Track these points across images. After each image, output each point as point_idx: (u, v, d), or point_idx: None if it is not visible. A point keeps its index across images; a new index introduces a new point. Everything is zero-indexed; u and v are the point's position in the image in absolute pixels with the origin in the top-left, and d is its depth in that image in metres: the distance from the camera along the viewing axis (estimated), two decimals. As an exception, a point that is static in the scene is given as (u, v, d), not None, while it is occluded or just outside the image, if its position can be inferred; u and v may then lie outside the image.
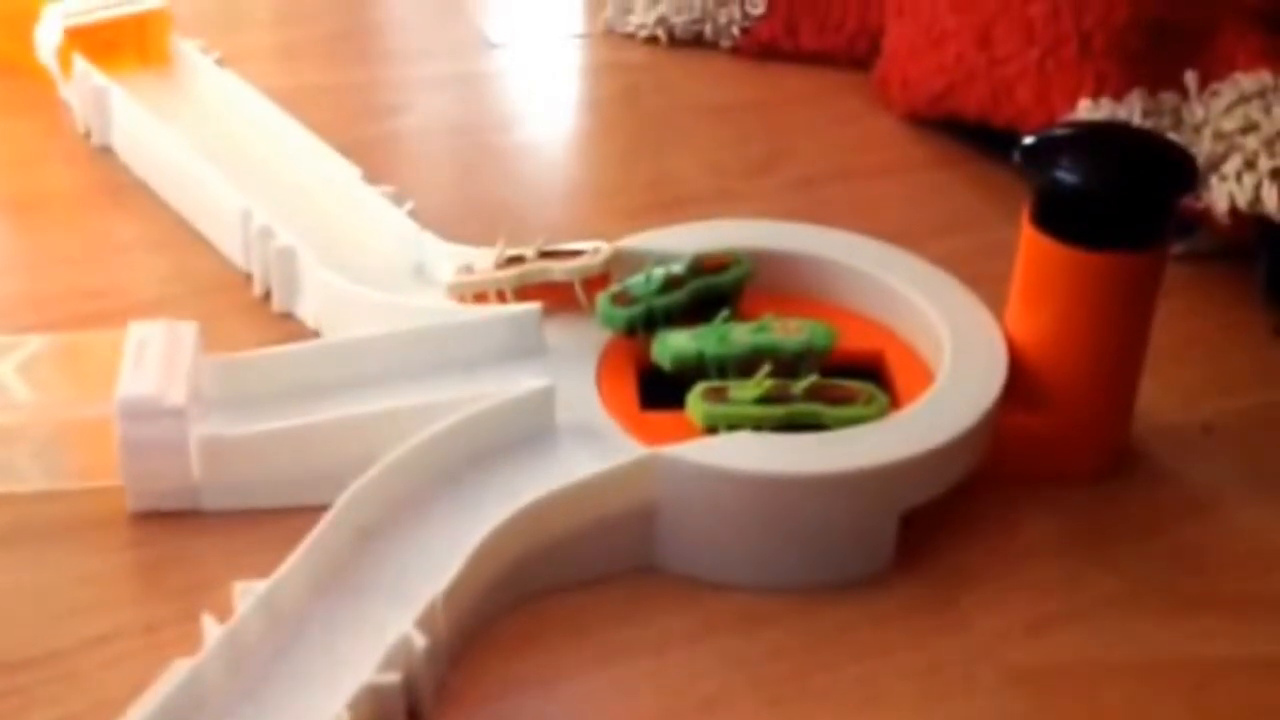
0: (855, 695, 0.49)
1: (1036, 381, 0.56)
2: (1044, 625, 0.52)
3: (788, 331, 0.57)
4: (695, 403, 0.54)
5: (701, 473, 0.51)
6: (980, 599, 0.53)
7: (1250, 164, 0.64)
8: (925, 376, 0.57)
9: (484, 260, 0.62)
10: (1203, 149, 0.66)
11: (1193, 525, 0.56)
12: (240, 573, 0.49)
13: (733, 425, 0.53)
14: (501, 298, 0.60)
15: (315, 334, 0.64)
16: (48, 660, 0.49)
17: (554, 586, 0.52)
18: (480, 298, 0.61)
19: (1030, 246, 0.55)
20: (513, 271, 0.60)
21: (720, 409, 0.53)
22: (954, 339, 0.57)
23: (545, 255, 0.61)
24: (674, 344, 0.56)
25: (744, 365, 0.56)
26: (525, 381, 0.55)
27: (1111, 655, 0.51)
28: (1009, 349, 0.56)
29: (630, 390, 0.56)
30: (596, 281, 0.60)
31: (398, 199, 0.68)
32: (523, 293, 0.60)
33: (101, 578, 0.52)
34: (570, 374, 0.57)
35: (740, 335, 0.56)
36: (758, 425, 0.53)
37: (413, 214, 0.67)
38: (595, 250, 0.61)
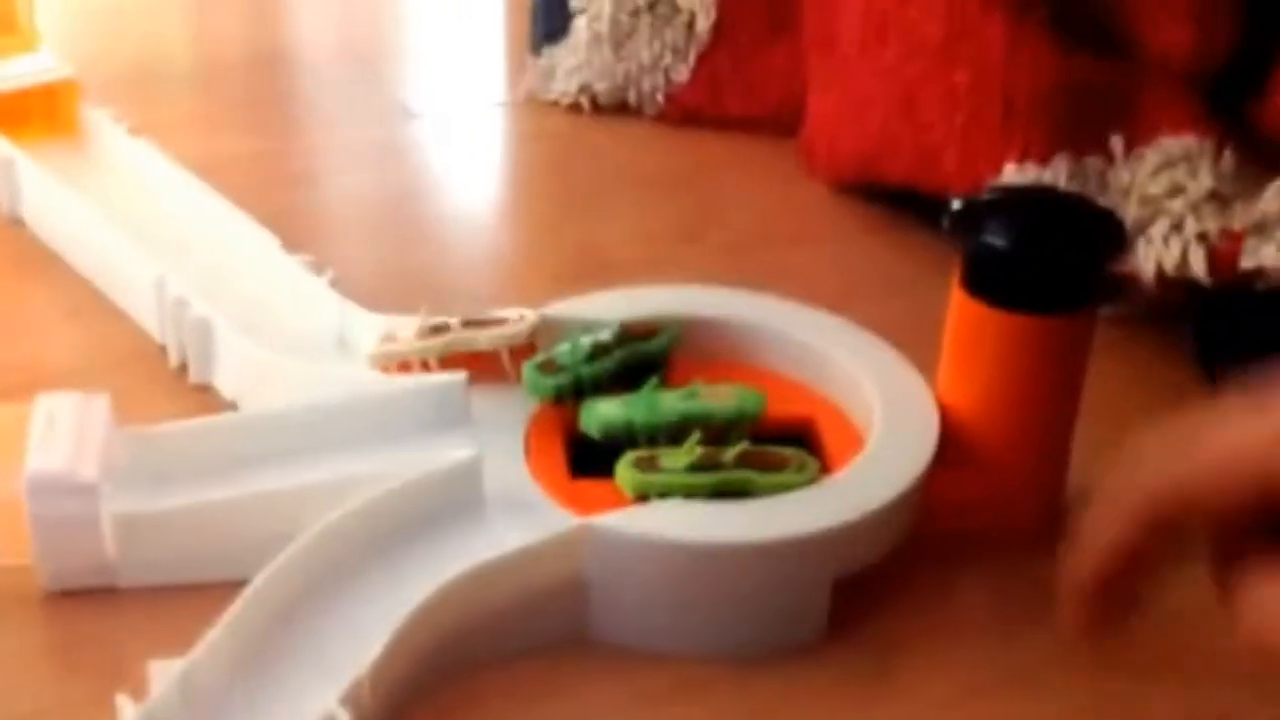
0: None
1: (969, 444, 0.55)
2: (981, 691, 0.51)
3: (717, 398, 0.56)
4: (625, 471, 0.53)
5: (631, 542, 0.50)
6: (916, 667, 0.52)
7: (1177, 227, 0.65)
8: (856, 441, 0.56)
9: (406, 329, 0.60)
10: (1129, 213, 0.66)
11: (1127, 588, 0.56)
12: (158, 651, 0.47)
13: (663, 493, 0.52)
14: (425, 367, 0.59)
15: (233, 406, 0.62)
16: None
17: (484, 660, 0.50)
18: (404, 367, 0.59)
19: (960, 310, 0.55)
20: (437, 340, 0.59)
21: (651, 478, 0.52)
22: (885, 403, 0.56)
23: (469, 324, 0.60)
24: (602, 412, 0.55)
25: (674, 433, 0.55)
26: (451, 452, 0.53)
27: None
28: (941, 412, 0.56)
29: (559, 459, 0.55)
30: (522, 350, 0.59)
31: (317, 268, 0.67)
32: (447, 362, 0.59)
33: (14, 658, 0.50)
34: (497, 444, 0.55)
35: (669, 402, 0.55)
36: (689, 493, 0.52)
37: (333, 283, 0.66)
38: (520, 318, 0.60)
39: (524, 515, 0.52)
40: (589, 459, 0.55)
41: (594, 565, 0.51)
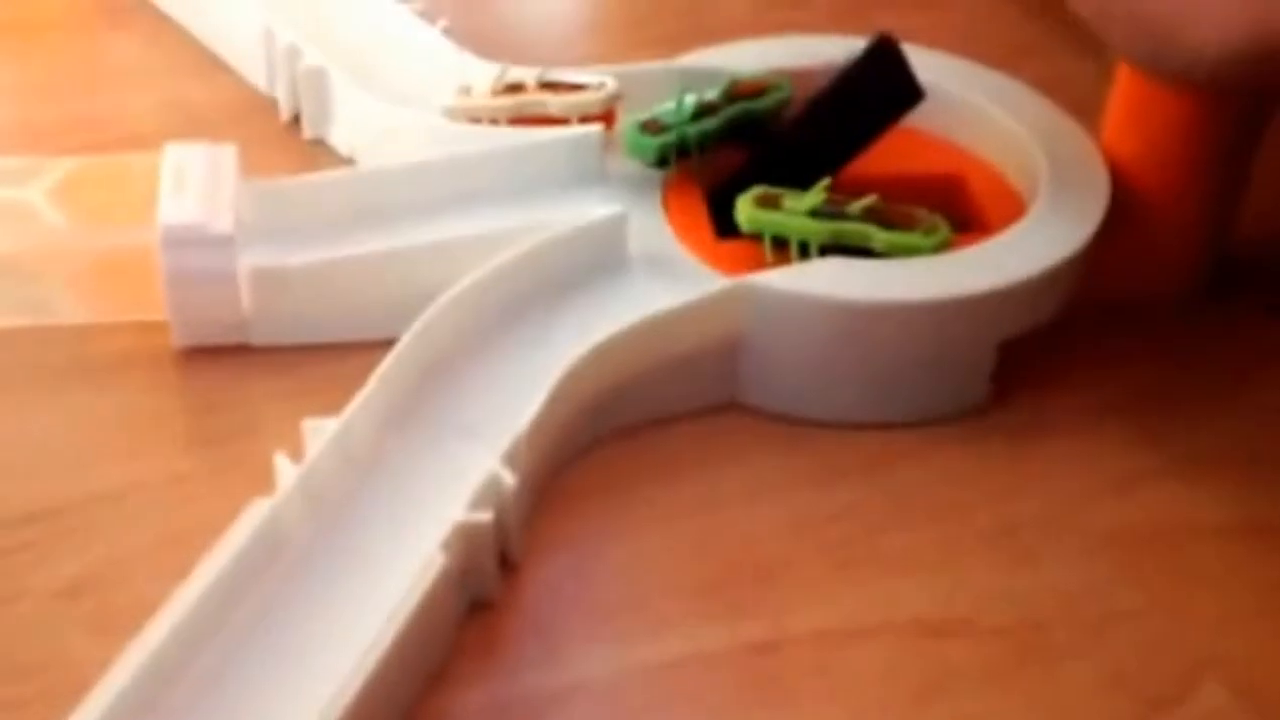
0: (930, 559, 0.45)
1: (1133, 207, 0.53)
2: (1128, 485, 0.48)
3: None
4: (744, 205, 0.50)
5: (792, 301, 0.48)
6: (1063, 457, 0.49)
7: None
8: (1013, 202, 0.54)
9: (483, 83, 0.57)
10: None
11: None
12: (296, 413, 0.45)
13: (776, 234, 0.50)
14: (495, 125, 0.56)
15: (349, 161, 0.60)
16: (85, 505, 0.45)
17: (628, 426, 0.49)
18: (475, 122, 0.57)
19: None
20: (507, 100, 0.56)
21: (767, 215, 0.50)
22: (1051, 162, 0.53)
23: (546, 86, 0.57)
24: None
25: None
26: (592, 208, 0.51)
27: (1200, 516, 0.47)
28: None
29: (701, 220, 0.53)
30: (603, 118, 0.56)
31: (429, 17, 0.64)
32: (516, 123, 0.56)
33: (150, 419, 0.49)
34: (635, 202, 0.53)
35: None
36: (803, 239, 0.49)
37: (447, 32, 0.63)
38: (600, 85, 0.56)
39: (671, 275, 0.50)
40: (725, 226, 0.52)
41: (748, 326, 0.48)
